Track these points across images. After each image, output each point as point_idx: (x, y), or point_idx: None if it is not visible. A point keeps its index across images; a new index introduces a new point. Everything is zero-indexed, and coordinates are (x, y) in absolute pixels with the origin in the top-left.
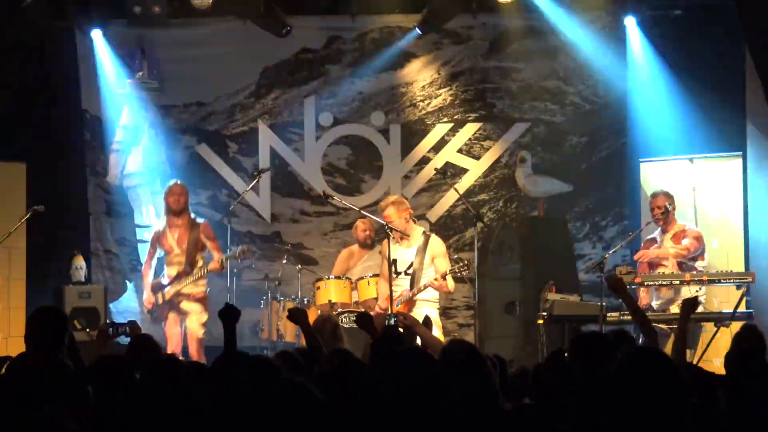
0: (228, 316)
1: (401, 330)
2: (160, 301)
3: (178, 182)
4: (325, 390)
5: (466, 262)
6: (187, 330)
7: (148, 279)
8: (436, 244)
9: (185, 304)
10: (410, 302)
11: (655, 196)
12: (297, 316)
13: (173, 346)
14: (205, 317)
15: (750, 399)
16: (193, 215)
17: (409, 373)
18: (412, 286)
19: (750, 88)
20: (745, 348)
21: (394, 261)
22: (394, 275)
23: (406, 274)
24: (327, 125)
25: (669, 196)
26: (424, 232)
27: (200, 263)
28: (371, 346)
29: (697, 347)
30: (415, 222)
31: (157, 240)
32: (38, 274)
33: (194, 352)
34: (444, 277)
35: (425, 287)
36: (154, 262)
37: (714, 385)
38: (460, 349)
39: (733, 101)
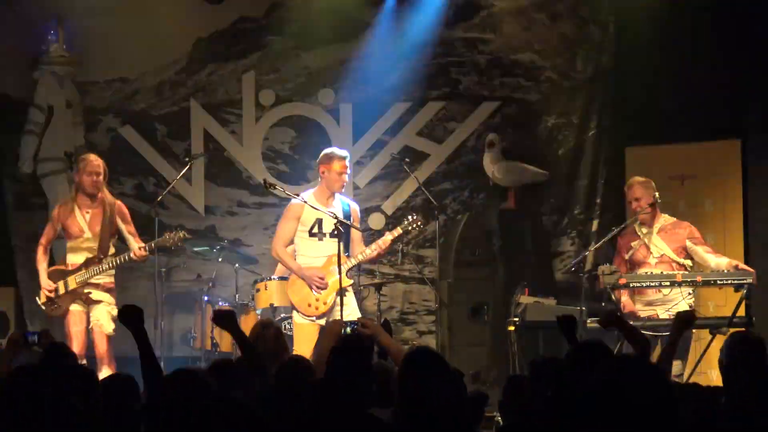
0: (130, 317)
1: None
2: (62, 290)
3: (95, 157)
4: (275, 406)
5: (415, 216)
6: (95, 325)
7: (45, 264)
8: (355, 205)
9: (95, 294)
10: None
11: (629, 186)
12: (223, 319)
13: (78, 347)
14: (116, 311)
15: (752, 411)
16: (106, 193)
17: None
18: (347, 250)
19: (750, 65)
20: (741, 356)
21: (319, 221)
22: (316, 238)
23: (332, 236)
24: (268, 104)
25: (647, 186)
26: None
27: (112, 251)
28: (329, 357)
29: (687, 358)
30: None
31: (60, 219)
32: None
33: (104, 353)
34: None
35: (378, 253)
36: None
37: (711, 399)
38: (423, 358)
39: (733, 78)
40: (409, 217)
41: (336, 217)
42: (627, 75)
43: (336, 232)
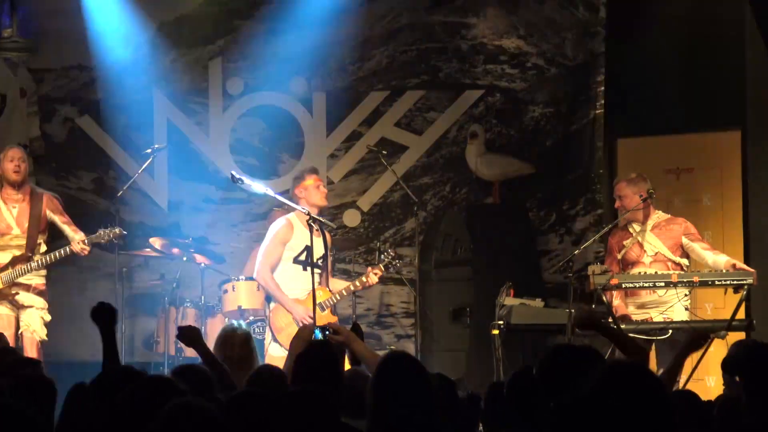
0: (103, 316)
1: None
2: None
3: (16, 146)
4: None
5: (390, 251)
6: (26, 330)
7: None
8: (330, 235)
9: (24, 297)
10: (333, 310)
11: (615, 183)
12: (189, 336)
13: None
14: (49, 316)
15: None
16: (33, 186)
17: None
18: (326, 283)
19: (751, 49)
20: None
21: (308, 249)
22: (301, 267)
23: (318, 267)
24: (236, 93)
25: (635, 183)
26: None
27: (43, 248)
28: (294, 365)
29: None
30: None
31: None
32: None
33: None
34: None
35: (363, 285)
36: None
37: (708, 410)
38: (398, 364)
39: (731, 65)
40: (384, 255)
41: (309, 214)
42: (619, 61)
43: (318, 236)
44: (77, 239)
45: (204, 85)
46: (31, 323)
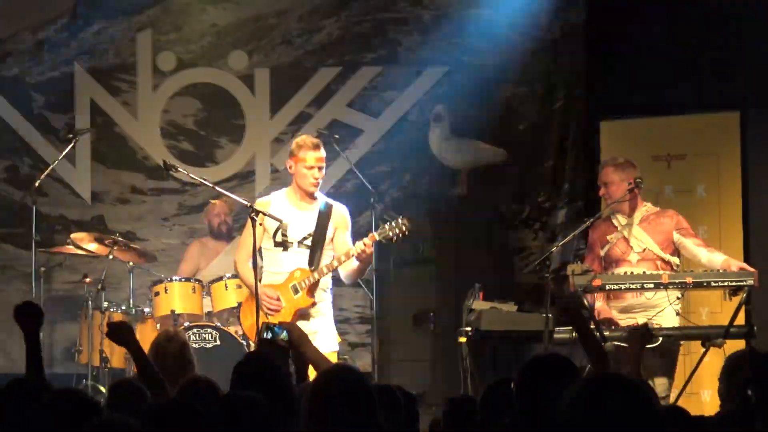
0: (26, 317)
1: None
2: None
3: None
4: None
5: (403, 221)
6: None
7: None
8: (342, 212)
9: None
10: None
11: (601, 167)
12: (120, 333)
13: None
14: None
15: None
16: None
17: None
18: (311, 263)
19: (751, 19)
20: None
21: (251, 236)
22: (281, 248)
23: (301, 244)
24: (168, 70)
25: (623, 169)
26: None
27: None
28: (234, 370)
29: (674, 375)
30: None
31: None
32: None
33: None
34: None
35: (347, 258)
36: None
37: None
38: (335, 379)
39: (729, 38)
40: (392, 222)
41: (250, 207)
42: (601, 35)
43: (304, 241)
44: None
45: (131, 60)
46: None
